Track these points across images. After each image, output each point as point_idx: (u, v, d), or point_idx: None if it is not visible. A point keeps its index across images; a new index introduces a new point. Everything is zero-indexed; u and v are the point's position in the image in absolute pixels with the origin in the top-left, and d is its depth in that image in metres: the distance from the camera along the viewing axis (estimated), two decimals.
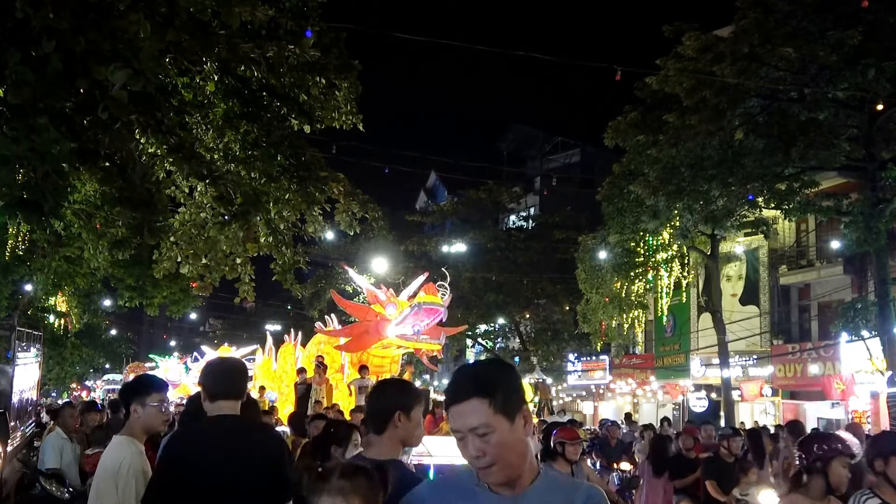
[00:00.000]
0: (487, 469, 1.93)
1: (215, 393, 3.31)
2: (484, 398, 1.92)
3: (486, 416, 1.90)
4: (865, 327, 16.35)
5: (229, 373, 3.44)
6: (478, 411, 1.91)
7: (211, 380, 3.37)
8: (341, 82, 9.37)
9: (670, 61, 17.27)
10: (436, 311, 13.35)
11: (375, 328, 13.58)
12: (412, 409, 2.90)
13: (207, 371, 3.48)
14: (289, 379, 16.81)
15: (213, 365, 3.58)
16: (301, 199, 9.06)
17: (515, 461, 1.95)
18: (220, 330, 55.64)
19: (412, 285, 14.54)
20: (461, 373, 2.03)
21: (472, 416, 1.91)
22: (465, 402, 1.93)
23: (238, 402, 3.33)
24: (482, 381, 1.95)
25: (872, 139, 15.83)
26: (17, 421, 11.09)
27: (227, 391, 3.31)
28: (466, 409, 1.93)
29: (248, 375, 3.50)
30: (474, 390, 1.93)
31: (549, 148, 46.02)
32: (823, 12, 15.09)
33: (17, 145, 4.77)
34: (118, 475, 3.52)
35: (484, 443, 1.91)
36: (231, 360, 3.86)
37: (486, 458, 1.92)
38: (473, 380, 1.97)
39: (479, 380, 1.96)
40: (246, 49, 7.56)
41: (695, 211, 17.48)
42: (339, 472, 1.93)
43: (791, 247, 23.84)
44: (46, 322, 22.01)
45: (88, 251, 11.94)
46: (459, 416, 1.94)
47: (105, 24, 5.29)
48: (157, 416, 3.75)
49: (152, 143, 7.46)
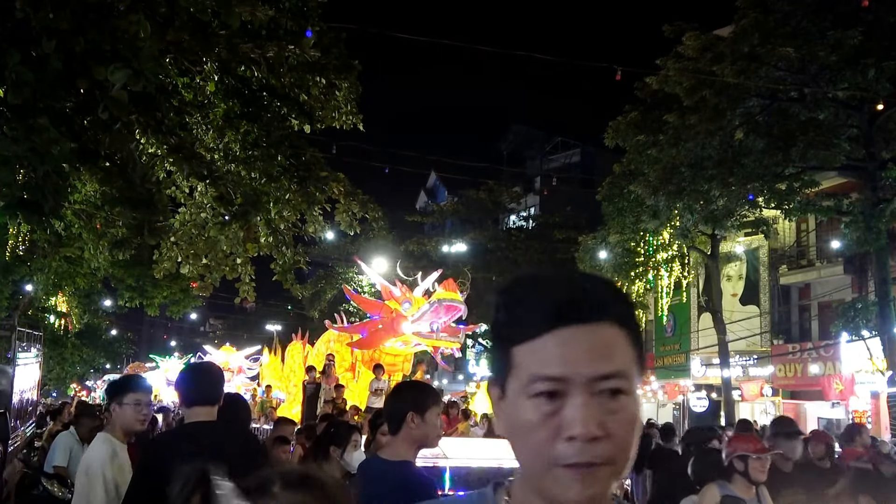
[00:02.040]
0: (592, 471, 0.96)
1: (190, 399, 3.28)
2: (622, 328, 0.99)
3: (628, 359, 0.98)
4: (866, 327, 16.36)
5: (204, 379, 3.40)
6: (617, 346, 0.98)
7: (185, 386, 3.35)
8: (341, 82, 9.37)
9: (670, 61, 17.27)
10: (456, 308, 12.98)
11: (390, 325, 13.29)
12: (427, 410, 2.89)
13: (182, 377, 3.46)
14: (296, 378, 16.64)
15: (187, 371, 3.57)
16: (301, 199, 9.07)
17: (627, 464, 0.99)
18: (220, 330, 55.66)
19: (426, 282, 14.12)
20: (573, 276, 1.04)
21: (608, 351, 0.97)
22: (595, 324, 0.97)
23: (214, 407, 3.28)
24: (621, 299, 1.02)
25: (872, 139, 15.83)
26: (17, 421, 11.09)
27: (202, 397, 3.27)
28: (596, 337, 0.97)
29: (223, 380, 3.47)
30: (612, 308, 0.99)
31: (550, 148, 45.99)
32: (823, 12, 15.10)
33: (17, 145, 4.77)
34: (89, 470, 3.62)
35: (612, 411, 0.96)
36: (206, 364, 3.87)
37: (605, 443, 0.95)
38: (607, 289, 1.02)
39: (615, 294, 1.02)
40: (246, 49, 7.57)
41: (695, 211, 17.48)
42: (281, 483, 1.17)
43: (791, 247, 23.83)
44: (47, 322, 22.01)
45: (89, 251, 11.94)
46: (576, 345, 0.96)
47: (105, 24, 5.30)
48: (131, 415, 3.79)
49: (152, 144, 7.47)
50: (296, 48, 8.10)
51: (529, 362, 0.98)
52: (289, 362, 18.59)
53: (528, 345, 0.99)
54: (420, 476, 2.86)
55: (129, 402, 3.79)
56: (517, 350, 1.00)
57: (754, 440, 4.59)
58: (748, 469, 4.31)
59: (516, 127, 45.87)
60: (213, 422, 3.27)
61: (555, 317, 0.98)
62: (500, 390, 1.03)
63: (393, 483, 2.77)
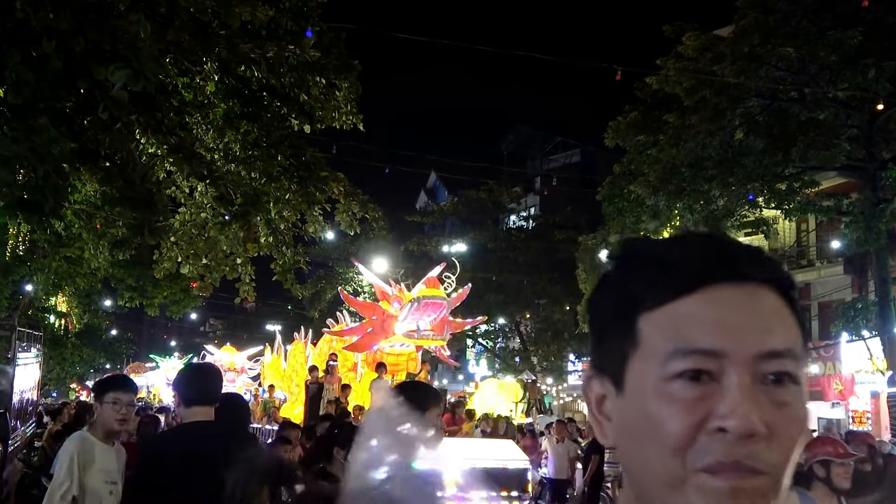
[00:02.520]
0: (747, 480, 0.67)
1: (188, 399, 3.30)
2: (786, 297, 0.73)
3: (797, 337, 0.73)
4: (866, 327, 16.36)
5: (202, 379, 3.43)
6: (785, 318, 0.73)
7: (184, 386, 3.37)
8: (341, 82, 9.37)
9: (670, 61, 17.27)
10: (439, 304, 12.76)
11: (381, 326, 13.21)
12: (426, 410, 2.87)
13: (180, 377, 3.48)
14: (298, 378, 16.56)
15: (186, 371, 3.59)
16: (301, 199, 9.06)
17: (787, 481, 0.70)
18: (220, 330, 55.69)
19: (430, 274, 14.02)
20: (717, 233, 0.79)
21: (775, 322, 0.71)
22: (757, 286, 0.72)
23: (212, 407, 3.30)
24: (782, 264, 0.76)
25: (872, 139, 15.84)
26: (17, 421, 11.08)
27: (200, 397, 3.30)
28: (759, 302, 0.71)
29: (222, 380, 3.48)
30: (775, 270, 0.74)
31: (550, 148, 45.99)
32: (823, 12, 15.10)
33: (17, 145, 4.77)
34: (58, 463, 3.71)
35: (779, 403, 0.69)
36: (204, 365, 3.88)
37: (767, 444, 0.67)
38: (762, 251, 0.76)
39: (774, 257, 0.75)
40: (246, 49, 7.57)
41: (695, 211, 17.48)
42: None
43: (791, 246, 23.84)
44: (47, 322, 22.02)
45: (89, 251, 11.95)
46: (736, 309, 0.70)
47: (105, 24, 5.30)
48: (110, 413, 3.79)
49: (152, 144, 7.47)
50: (296, 48, 8.11)
51: (666, 334, 0.70)
52: (291, 362, 18.51)
53: (664, 310, 0.71)
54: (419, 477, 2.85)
55: (109, 401, 3.78)
56: (647, 320, 0.72)
57: (837, 443, 4.07)
58: (830, 475, 3.82)
59: (516, 127, 45.88)
60: (211, 421, 3.28)
61: (705, 271, 0.71)
62: (611, 383, 0.75)
63: None
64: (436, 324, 12.99)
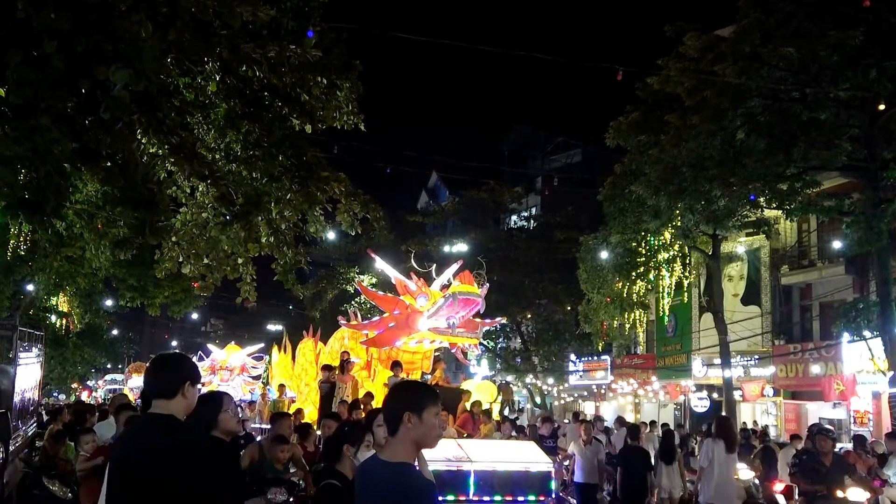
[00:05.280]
0: None
1: (147, 393, 3.19)
2: None
3: None
4: (867, 327, 16.35)
5: (157, 371, 3.25)
6: None
7: (144, 380, 3.26)
8: (342, 82, 9.37)
9: (672, 61, 17.28)
10: (473, 301, 12.21)
11: (405, 321, 12.50)
12: (424, 409, 2.84)
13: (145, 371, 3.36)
14: (308, 377, 16.26)
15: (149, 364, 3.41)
16: (302, 199, 9.06)
17: None
18: (221, 330, 55.75)
19: (444, 275, 13.42)
20: None
21: None
22: None
23: (170, 401, 3.12)
24: None
25: (874, 139, 15.82)
26: (18, 421, 11.10)
27: (156, 391, 3.16)
28: None
29: (185, 371, 3.21)
30: None
31: (551, 148, 45.96)
32: (824, 12, 15.09)
33: (18, 145, 4.78)
34: None
35: None
36: (164, 356, 3.54)
37: None
38: None
39: None
40: (247, 49, 7.56)
41: (696, 211, 17.47)
42: None
43: (793, 247, 23.81)
44: (48, 322, 22.05)
45: (90, 251, 11.97)
46: None
47: (106, 24, 5.30)
48: None
49: (154, 144, 7.47)
50: (297, 48, 8.10)
51: None
52: (300, 360, 18.06)
53: None
54: (418, 478, 2.84)
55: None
56: None
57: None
58: None
59: (518, 127, 45.91)
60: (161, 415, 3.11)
61: None
62: None
63: (390, 485, 2.76)
64: (464, 321, 12.40)
